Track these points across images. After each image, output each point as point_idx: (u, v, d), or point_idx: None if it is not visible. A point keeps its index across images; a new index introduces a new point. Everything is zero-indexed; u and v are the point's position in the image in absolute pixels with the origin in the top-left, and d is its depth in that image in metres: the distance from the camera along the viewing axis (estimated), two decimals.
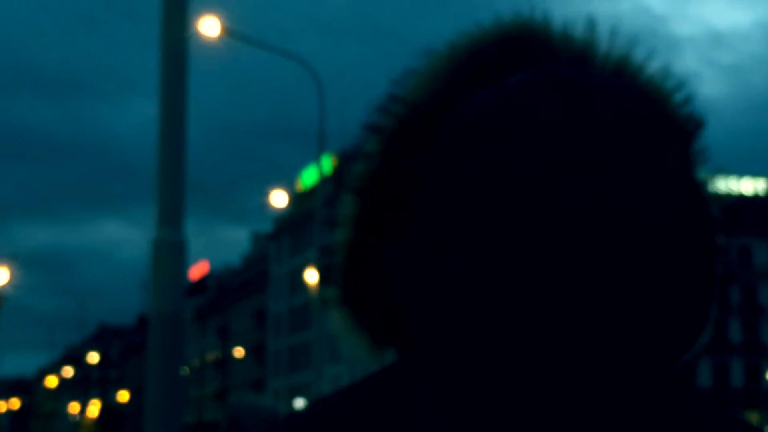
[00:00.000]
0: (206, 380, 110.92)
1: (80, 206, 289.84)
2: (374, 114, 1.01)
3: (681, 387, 0.95)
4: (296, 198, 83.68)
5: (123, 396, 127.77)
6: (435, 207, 0.93)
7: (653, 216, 0.89)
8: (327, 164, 61.60)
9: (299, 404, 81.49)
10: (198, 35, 21.37)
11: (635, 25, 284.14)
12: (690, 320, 0.95)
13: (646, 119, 0.93)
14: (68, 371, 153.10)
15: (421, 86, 1.00)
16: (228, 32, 21.36)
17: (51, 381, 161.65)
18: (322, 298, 1.03)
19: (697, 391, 0.97)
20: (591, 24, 1.02)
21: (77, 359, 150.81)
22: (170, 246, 6.12)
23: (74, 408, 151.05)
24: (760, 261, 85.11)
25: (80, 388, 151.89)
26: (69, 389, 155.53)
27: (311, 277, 35.46)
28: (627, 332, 0.89)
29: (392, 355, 1.00)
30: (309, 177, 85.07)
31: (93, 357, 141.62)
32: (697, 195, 0.97)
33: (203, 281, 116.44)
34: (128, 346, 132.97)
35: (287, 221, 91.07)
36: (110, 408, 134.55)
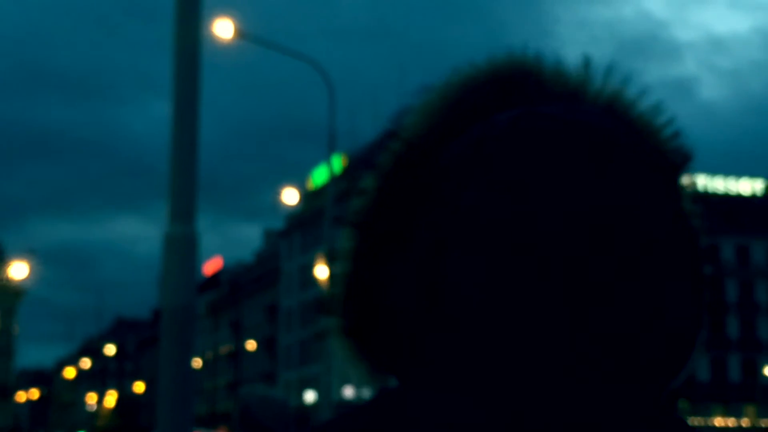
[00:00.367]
0: (219, 372, 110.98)
1: (99, 203, 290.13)
2: (372, 152, 1.11)
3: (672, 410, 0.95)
4: (307, 196, 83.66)
5: (139, 387, 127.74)
6: (429, 239, 0.94)
7: (636, 240, 0.91)
8: (337, 163, 61.49)
9: (309, 396, 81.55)
10: (212, 37, 21.37)
11: (637, 31, 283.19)
12: (672, 341, 0.94)
13: (629, 153, 0.94)
14: (86, 363, 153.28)
15: (417, 123, 1.01)
16: (241, 34, 21.25)
17: (69, 372, 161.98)
18: (327, 329, 1.03)
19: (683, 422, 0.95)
20: (585, 62, 1.03)
21: (95, 351, 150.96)
22: (182, 240, 6.06)
23: (92, 398, 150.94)
24: (757, 259, 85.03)
25: (97, 379, 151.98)
26: (87, 380, 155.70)
27: (321, 273, 35.38)
28: (624, 337, 0.90)
29: (394, 382, 1.00)
30: (319, 176, 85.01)
31: (110, 349, 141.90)
32: (684, 223, 0.98)
33: (217, 276, 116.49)
34: (144, 339, 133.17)
35: (298, 219, 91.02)
36: (126, 398, 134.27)
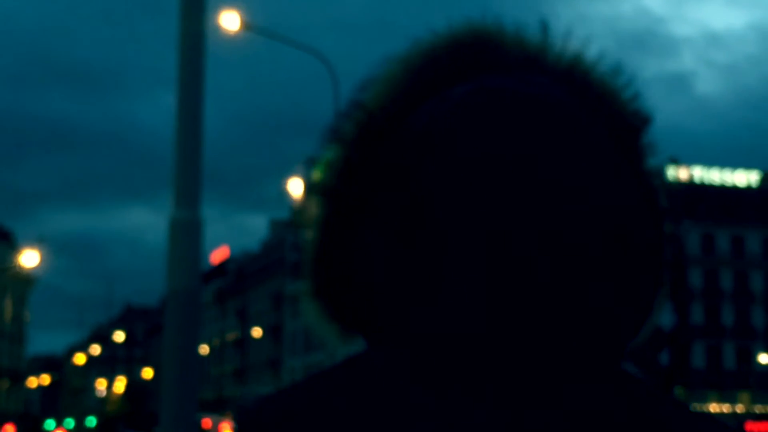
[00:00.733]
0: (226, 359, 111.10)
1: (109, 194, 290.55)
2: (337, 120, 1.02)
3: (628, 375, 0.96)
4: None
5: (147, 373, 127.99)
6: (390, 208, 0.95)
7: (589, 207, 0.91)
8: None
9: None
10: (218, 29, 21.24)
11: (635, 26, 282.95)
12: (635, 305, 0.95)
13: (582, 124, 0.95)
14: (96, 349, 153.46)
15: (380, 93, 1.01)
16: (248, 26, 21.16)
17: (79, 358, 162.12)
18: (298, 291, 1.09)
19: (642, 383, 0.97)
20: (544, 27, 1.03)
21: (104, 338, 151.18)
22: (187, 226, 5.95)
23: (101, 384, 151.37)
24: (752, 249, 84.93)
25: (107, 366, 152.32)
26: (96, 366, 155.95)
27: None
28: (574, 313, 0.90)
29: (360, 343, 1.02)
30: None
31: (119, 336, 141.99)
32: (645, 186, 0.98)
33: (224, 265, 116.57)
34: (152, 326, 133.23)
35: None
36: (135, 384, 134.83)
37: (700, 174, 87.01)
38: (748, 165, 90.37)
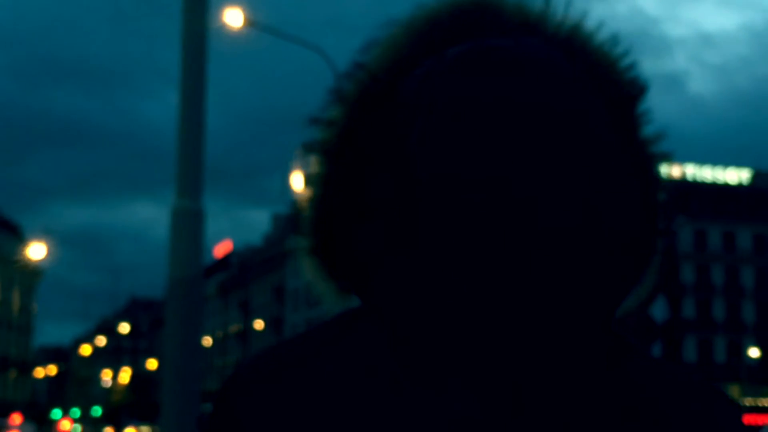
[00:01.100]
0: (228, 350, 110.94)
1: (116, 189, 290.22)
2: (339, 81, 1.02)
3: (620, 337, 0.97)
4: None
5: (152, 364, 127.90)
6: (389, 167, 0.94)
7: (579, 169, 0.90)
8: None
9: None
10: (222, 25, 21.15)
11: (630, 26, 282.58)
12: (622, 268, 0.94)
13: (574, 85, 0.93)
14: (101, 341, 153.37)
15: (382, 56, 1.01)
16: (251, 23, 21.08)
17: (85, 349, 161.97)
18: (295, 248, 1.04)
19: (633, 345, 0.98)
20: None
21: (110, 330, 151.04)
22: (189, 215, 5.88)
23: (107, 374, 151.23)
24: (743, 245, 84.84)
25: (112, 357, 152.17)
26: (102, 357, 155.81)
27: None
28: (562, 275, 0.89)
29: (355, 300, 1.01)
30: None
31: (124, 328, 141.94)
32: (637, 152, 0.97)
33: (227, 259, 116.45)
34: (157, 318, 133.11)
35: None
36: (140, 375, 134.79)
37: (693, 172, 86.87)
38: (740, 163, 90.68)
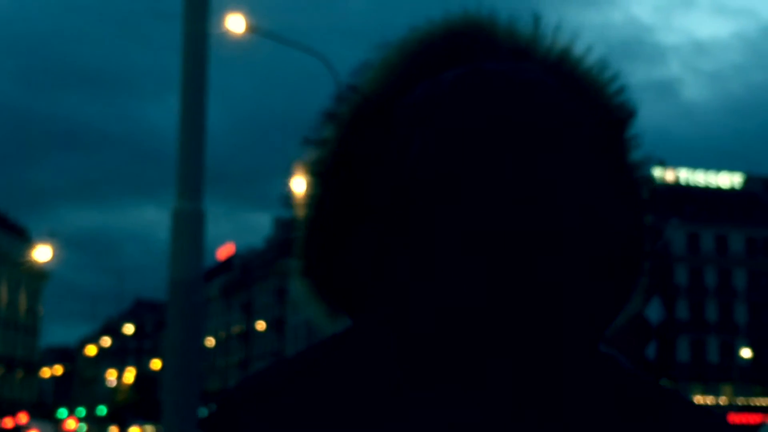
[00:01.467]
0: (231, 351, 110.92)
1: (122, 192, 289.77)
2: (332, 103, 1.01)
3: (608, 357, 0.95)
4: None
5: (156, 364, 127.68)
6: (383, 188, 0.93)
7: (568, 192, 0.89)
8: None
9: None
10: (225, 31, 21.10)
11: (625, 34, 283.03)
12: (614, 291, 0.95)
13: (567, 109, 0.93)
14: (106, 341, 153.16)
15: (375, 78, 1.00)
16: (253, 29, 21.04)
17: (91, 350, 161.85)
18: (289, 269, 1.03)
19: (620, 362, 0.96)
20: (535, 20, 1.02)
21: (115, 330, 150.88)
22: (189, 216, 5.82)
23: (112, 374, 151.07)
24: (735, 248, 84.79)
25: (117, 357, 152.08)
26: (107, 357, 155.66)
27: None
28: (554, 296, 0.89)
29: (346, 321, 1.00)
30: None
31: (129, 328, 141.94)
32: (624, 176, 0.97)
33: (229, 261, 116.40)
34: (161, 319, 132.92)
35: None
36: (144, 375, 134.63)
37: (686, 176, 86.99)
38: (732, 167, 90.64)
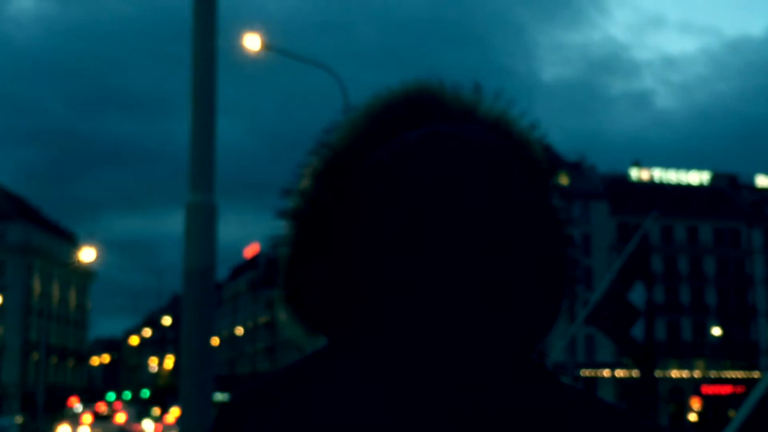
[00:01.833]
0: (258, 339, 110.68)
1: (159, 201, 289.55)
2: (307, 157, 1.06)
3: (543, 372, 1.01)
4: None
5: None
6: (351, 231, 0.99)
7: (506, 230, 0.95)
8: None
9: None
10: (252, 53, 20.73)
11: (603, 52, 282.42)
12: (539, 308, 1.00)
13: (511, 164, 0.99)
14: (148, 332, 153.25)
15: (343, 136, 1.05)
16: (267, 47, 20.66)
17: (134, 340, 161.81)
18: (275, 298, 1.09)
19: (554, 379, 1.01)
20: (476, 87, 1.08)
21: (155, 322, 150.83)
22: (202, 208, 5.42)
23: (153, 362, 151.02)
24: (704, 238, 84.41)
25: (158, 346, 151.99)
26: (149, 347, 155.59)
27: None
28: (487, 320, 0.95)
29: (323, 341, 1.05)
30: None
31: (167, 320, 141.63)
32: (552, 216, 1.03)
33: (255, 259, 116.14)
34: None
35: None
36: None
37: (660, 175, 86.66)
38: (700, 167, 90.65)
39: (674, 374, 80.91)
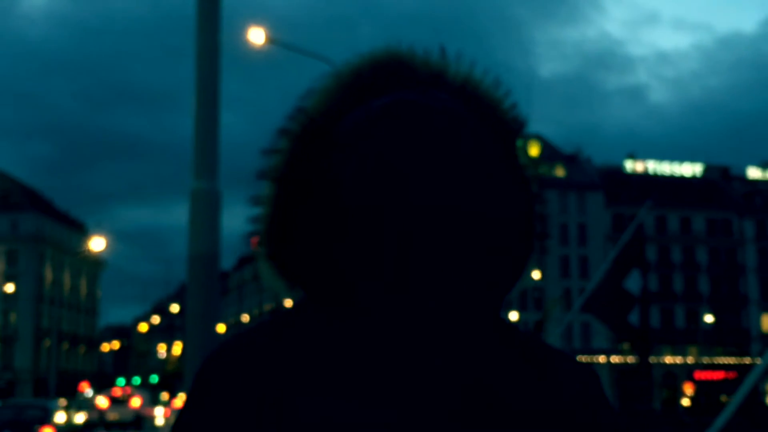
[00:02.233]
0: None
1: (167, 193, 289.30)
2: (285, 121, 1.09)
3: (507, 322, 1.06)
4: None
5: None
6: (325, 191, 1.01)
7: (470, 191, 0.98)
8: None
9: None
10: (259, 48, 20.63)
11: (599, 48, 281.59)
12: (509, 264, 1.03)
13: (471, 127, 1.01)
14: (156, 319, 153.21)
15: (317, 102, 1.08)
16: (272, 41, 20.53)
17: (143, 327, 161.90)
18: (256, 254, 1.10)
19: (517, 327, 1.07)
20: (442, 52, 1.10)
21: (163, 310, 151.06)
22: (206, 195, 5.33)
23: (162, 348, 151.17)
24: (697, 228, 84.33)
25: (166, 333, 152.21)
26: (157, 333, 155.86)
27: None
28: (462, 273, 0.98)
29: (300, 294, 1.07)
30: None
31: (175, 308, 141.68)
32: (520, 175, 1.05)
33: None
34: None
35: None
36: None
37: (654, 167, 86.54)
38: (693, 159, 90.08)
39: (668, 360, 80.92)
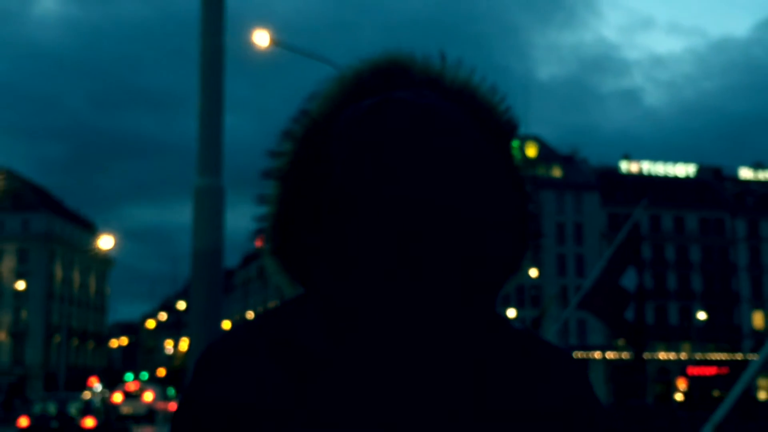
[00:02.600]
0: None
1: (176, 192, 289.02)
2: (289, 124, 1.10)
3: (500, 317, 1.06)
4: None
5: None
6: (326, 189, 1.02)
7: (459, 189, 0.97)
8: None
9: None
10: (264, 51, 20.56)
11: (595, 52, 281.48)
12: (503, 261, 1.04)
13: (459, 125, 1.01)
14: (164, 316, 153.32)
15: (320, 104, 1.08)
16: (276, 43, 20.46)
17: (151, 324, 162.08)
18: (262, 250, 1.12)
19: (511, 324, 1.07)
20: (442, 57, 1.10)
21: (170, 307, 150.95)
22: (210, 191, 5.28)
23: (169, 344, 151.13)
24: (690, 227, 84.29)
25: (173, 329, 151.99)
26: (164, 330, 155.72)
27: None
28: (455, 267, 0.98)
29: (300, 289, 1.10)
30: None
31: (182, 305, 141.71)
32: (513, 176, 1.06)
33: None
34: None
35: None
36: None
37: (648, 167, 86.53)
38: (686, 160, 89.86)
39: (661, 356, 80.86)
